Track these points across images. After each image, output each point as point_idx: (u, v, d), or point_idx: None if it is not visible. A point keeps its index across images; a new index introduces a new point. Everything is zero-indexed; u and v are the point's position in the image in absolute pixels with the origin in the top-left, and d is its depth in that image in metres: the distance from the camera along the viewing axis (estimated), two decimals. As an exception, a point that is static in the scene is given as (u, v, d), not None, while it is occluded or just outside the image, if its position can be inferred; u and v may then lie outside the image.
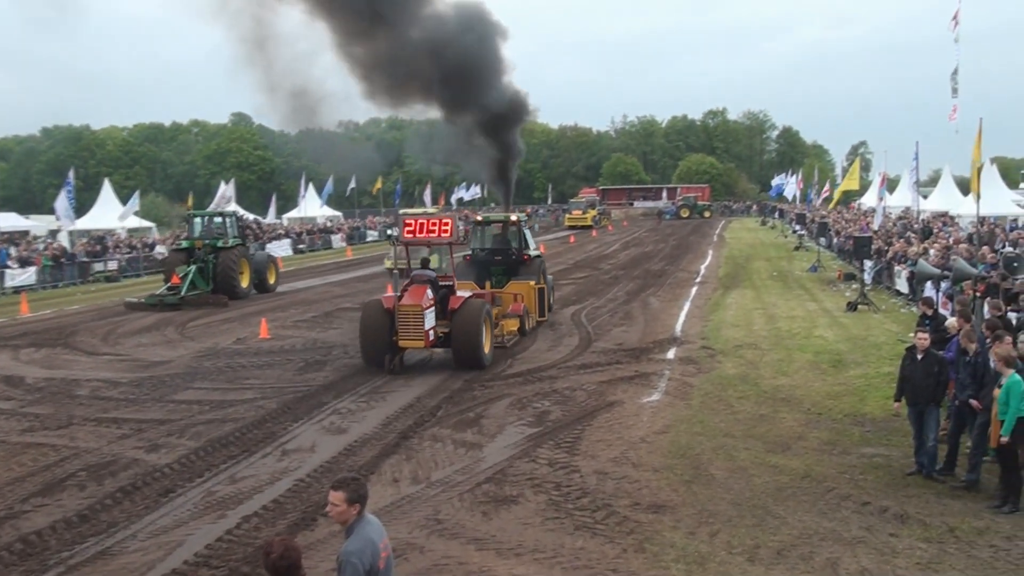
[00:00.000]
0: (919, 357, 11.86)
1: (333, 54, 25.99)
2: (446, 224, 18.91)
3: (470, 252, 25.80)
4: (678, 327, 23.97)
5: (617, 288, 33.63)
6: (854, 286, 31.63)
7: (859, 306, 26.65)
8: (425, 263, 20.39)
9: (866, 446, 13.06)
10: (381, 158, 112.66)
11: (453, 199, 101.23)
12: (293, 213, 79.11)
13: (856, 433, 13.68)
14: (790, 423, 14.25)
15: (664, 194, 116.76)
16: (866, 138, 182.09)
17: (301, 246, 61.42)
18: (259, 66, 26.06)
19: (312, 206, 77.13)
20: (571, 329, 24.06)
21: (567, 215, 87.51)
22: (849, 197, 65.79)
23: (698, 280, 36.06)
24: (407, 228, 18.98)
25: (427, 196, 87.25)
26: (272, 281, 36.17)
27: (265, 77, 26.32)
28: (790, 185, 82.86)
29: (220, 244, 33.30)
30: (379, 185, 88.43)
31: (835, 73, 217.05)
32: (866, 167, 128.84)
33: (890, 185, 55.74)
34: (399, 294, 18.93)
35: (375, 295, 32.07)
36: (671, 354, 20.11)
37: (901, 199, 57.74)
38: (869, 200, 66.24)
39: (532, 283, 24.57)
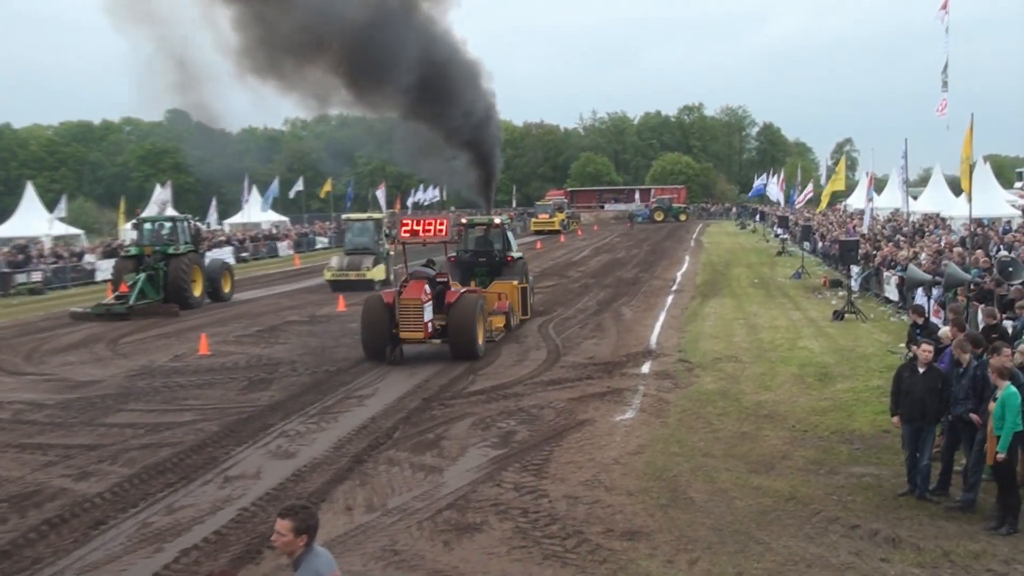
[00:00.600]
0: (920, 371, 11.91)
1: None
2: (441, 224, 22.43)
3: (454, 254, 28.14)
4: (653, 339, 24.10)
5: (587, 297, 33.73)
6: (840, 294, 31.96)
7: (846, 315, 26.95)
8: (430, 263, 23.89)
9: (855, 465, 13.18)
10: (332, 157, 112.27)
11: (409, 202, 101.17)
12: (236, 218, 78.62)
13: (844, 451, 13.81)
14: (774, 441, 14.35)
15: (636, 196, 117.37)
16: (852, 135, 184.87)
17: (244, 254, 61.05)
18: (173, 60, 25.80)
19: (256, 211, 76.70)
20: (538, 342, 24.11)
21: (533, 219, 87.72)
22: (835, 198, 66.53)
23: (674, 288, 36.27)
24: (404, 228, 22.39)
25: (381, 197, 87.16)
26: (227, 290, 36.62)
27: (180, 73, 26.03)
28: (772, 186, 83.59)
29: (171, 251, 33.75)
30: (328, 187, 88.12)
31: (818, 66, 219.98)
32: (852, 166, 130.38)
33: (878, 185, 56.49)
34: (399, 289, 21.97)
35: (324, 308, 32.10)
36: (646, 368, 20.21)
37: (890, 200, 58.50)
38: (856, 201, 67.09)
39: (515, 283, 27.53)
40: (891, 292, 29.26)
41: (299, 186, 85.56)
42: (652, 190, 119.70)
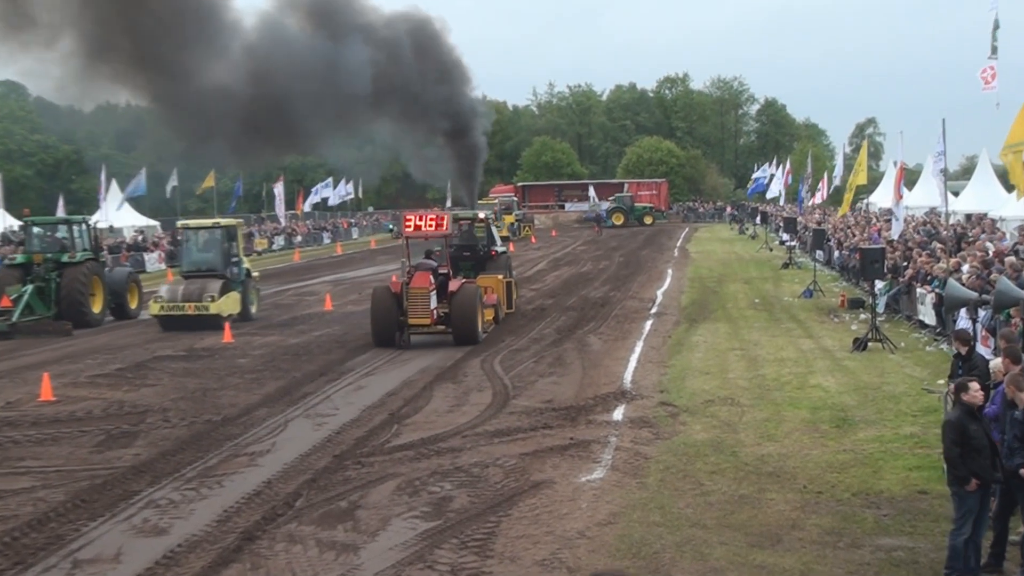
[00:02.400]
0: (978, 417, 11.80)
1: None
2: (442, 219, 30.49)
3: (438, 248, 32.67)
4: (627, 376, 24.23)
5: (544, 323, 33.89)
6: (862, 316, 32.33)
7: (870, 343, 27.25)
8: (429, 254, 31.40)
9: (883, 536, 13.29)
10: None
11: (313, 200, 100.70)
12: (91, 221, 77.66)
13: (869, 519, 13.92)
14: (780, 507, 14.43)
15: (591, 192, 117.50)
16: (876, 114, 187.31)
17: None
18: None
19: (121, 212, 75.97)
20: (480, 381, 24.14)
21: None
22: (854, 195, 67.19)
23: (654, 311, 36.53)
24: (407, 223, 30.36)
25: (279, 195, 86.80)
26: (134, 305, 38.28)
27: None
28: (775, 180, 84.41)
29: (66, 259, 35.10)
30: (210, 182, 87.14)
31: (833, 29, 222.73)
32: (875, 154, 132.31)
33: (909, 178, 57.17)
34: (406, 279, 29.57)
35: (205, 339, 31.85)
36: (618, 414, 20.27)
37: (924, 197, 59.14)
38: (880, 199, 67.80)
39: (500, 277, 35.03)
40: (926, 314, 29.61)
41: (173, 180, 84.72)
42: (625, 185, 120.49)
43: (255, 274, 38.63)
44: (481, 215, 37.56)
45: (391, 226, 44.16)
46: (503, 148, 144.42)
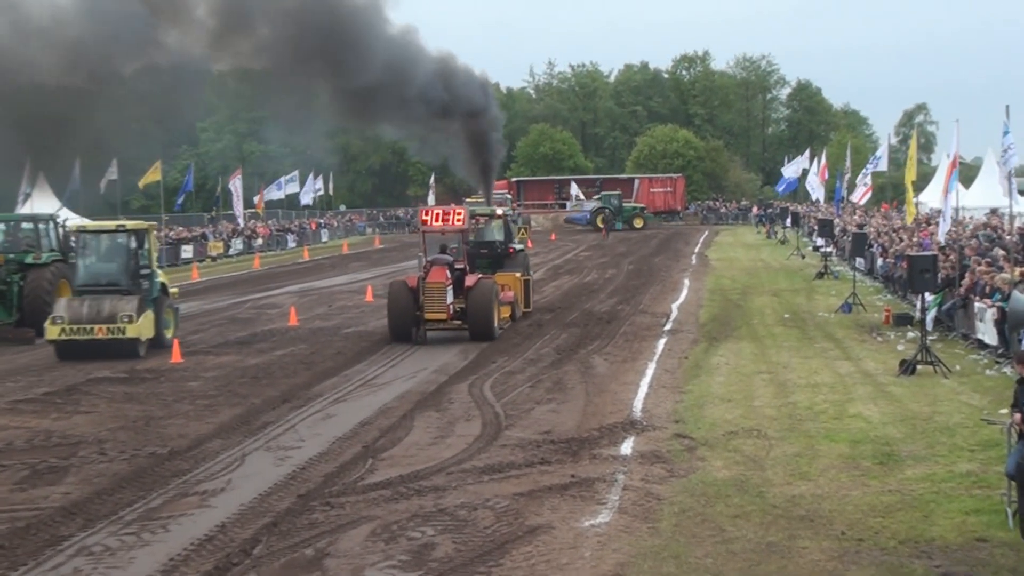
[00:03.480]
0: None
1: None
2: (459, 214, 34.83)
3: (455, 245, 36.93)
4: (637, 404, 24.23)
5: (541, 342, 34.04)
6: (911, 335, 32.31)
7: (919, 366, 27.24)
8: (444, 249, 35.84)
9: (935, 590, 13.28)
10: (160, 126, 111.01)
11: (275, 195, 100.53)
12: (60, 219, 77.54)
13: (919, 570, 13.89)
14: (815, 556, 14.43)
15: (573, 189, 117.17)
16: (927, 100, 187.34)
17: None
18: None
19: (46, 206, 75.71)
20: (468, 409, 24.14)
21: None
22: (896, 192, 67.09)
23: (668, 328, 36.65)
24: (424, 218, 35.43)
25: (236, 191, 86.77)
26: None
27: None
28: (810, 176, 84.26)
29: (30, 260, 35.78)
30: (155, 176, 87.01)
31: (876, 1, 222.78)
32: (926, 146, 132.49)
33: (966, 174, 57.11)
34: (422, 274, 33.71)
35: (149, 359, 31.76)
36: (627, 447, 20.26)
37: (984, 196, 59.14)
38: (931, 198, 67.69)
39: (518, 275, 39.59)
40: (986, 332, 29.60)
41: (112, 173, 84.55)
42: (636, 181, 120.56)
43: (173, 290, 37.34)
44: (499, 211, 43.55)
45: (409, 222, 47.67)
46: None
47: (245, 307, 47.17)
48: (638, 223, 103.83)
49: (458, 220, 34.66)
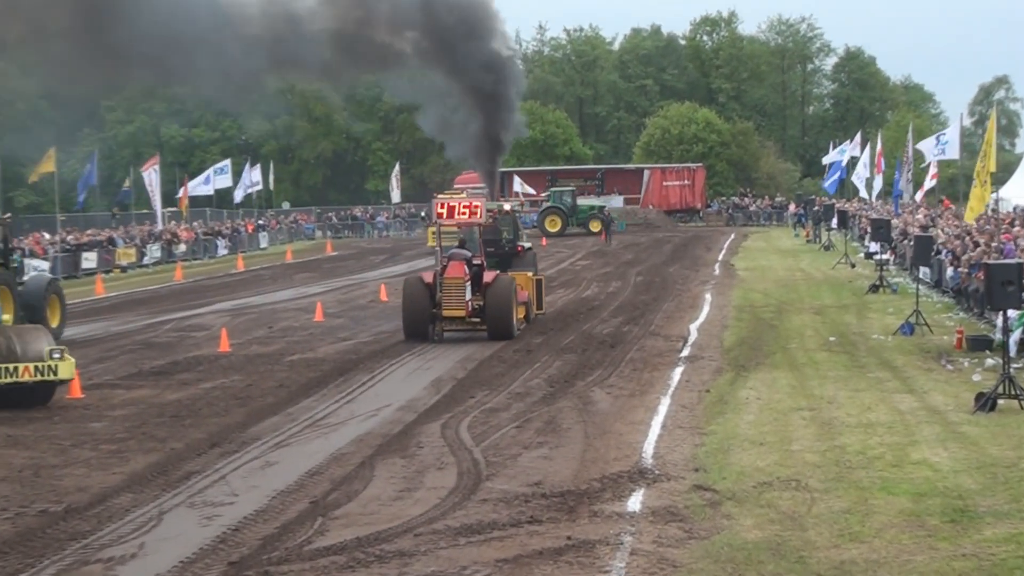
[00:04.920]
0: None
1: None
2: (476, 206, 39.60)
3: (459, 243, 41.27)
4: (648, 448, 24.06)
5: (530, 371, 33.96)
6: (989, 362, 32.23)
7: (1000, 400, 27.13)
8: (462, 243, 40.42)
9: None
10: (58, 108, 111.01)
11: (202, 190, 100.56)
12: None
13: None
14: (878, 639, 14.30)
15: (516, 183, 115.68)
16: (1009, 72, 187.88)
17: None
18: None
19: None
20: (440, 454, 23.95)
21: (428, 226, 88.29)
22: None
23: (685, 354, 36.71)
24: (439, 210, 39.75)
25: (151, 183, 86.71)
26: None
27: None
28: (859, 166, 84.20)
29: None
30: (48, 167, 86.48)
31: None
32: (1008, 129, 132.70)
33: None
34: (440, 269, 38.44)
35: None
36: (635, 502, 20.16)
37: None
38: (1014, 193, 67.75)
39: (530, 274, 43.98)
40: (1084, 359, 29.55)
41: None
42: (646, 172, 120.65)
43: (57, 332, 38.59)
44: (507, 206, 47.06)
45: (423, 214, 54.59)
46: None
47: (164, 329, 47.15)
48: (594, 226, 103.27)
49: (474, 213, 39.71)
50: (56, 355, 30.08)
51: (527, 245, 48.25)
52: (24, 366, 29.85)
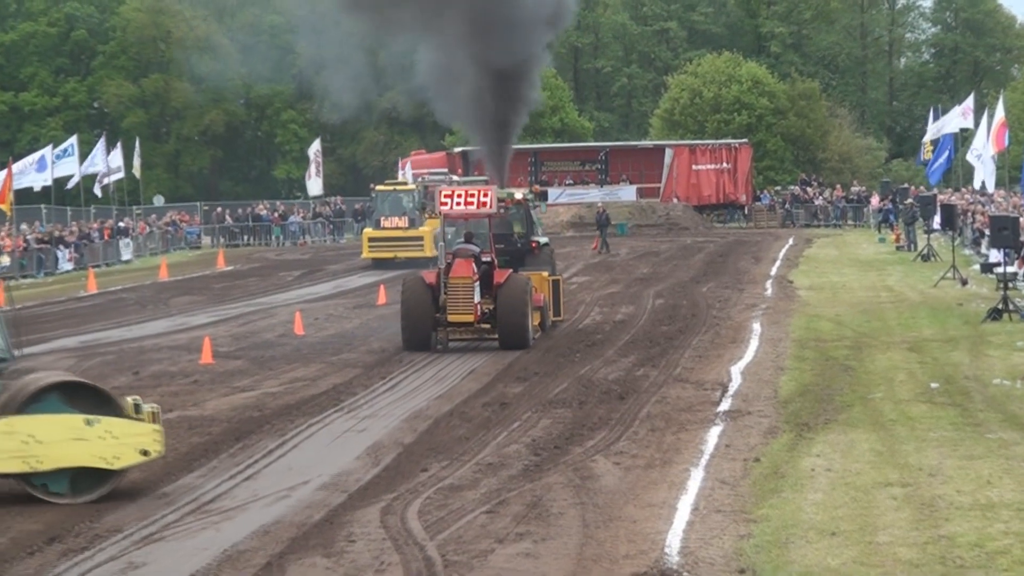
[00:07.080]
0: None
1: None
2: (486, 195, 44.26)
3: (464, 237, 48.03)
4: (673, 541, 23.79)
5: (506, 432, 34.00)
6: None
7: None
8: (469, 237, 45.94)
9: None
10: None
11: (35, 179, 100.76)
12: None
13: None
14: None
15: (406, 171, 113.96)
16: None
17: None
18: None
19: None
20: (378, 551, 23.71)
21: (366, 229, 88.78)
22: None
23: (725, 407, 36.72)
24: (443, 199, 44.35)
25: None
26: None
27: None
28: (975, 141, 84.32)
29: None
30: None
31: None
32: None
33: None
34: (443, 267, 42.72)
35: None
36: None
37: None
38: None
39: (545, 274, 50.59)
40: None
41: None
42: (668, 151, 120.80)
43: None
44: (518, 195, 53.27)
45: (423, 204, 62.25)
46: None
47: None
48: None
49: (483, 203, 44.97)
50: None
51: (543, 240, 54.47)
52: None
